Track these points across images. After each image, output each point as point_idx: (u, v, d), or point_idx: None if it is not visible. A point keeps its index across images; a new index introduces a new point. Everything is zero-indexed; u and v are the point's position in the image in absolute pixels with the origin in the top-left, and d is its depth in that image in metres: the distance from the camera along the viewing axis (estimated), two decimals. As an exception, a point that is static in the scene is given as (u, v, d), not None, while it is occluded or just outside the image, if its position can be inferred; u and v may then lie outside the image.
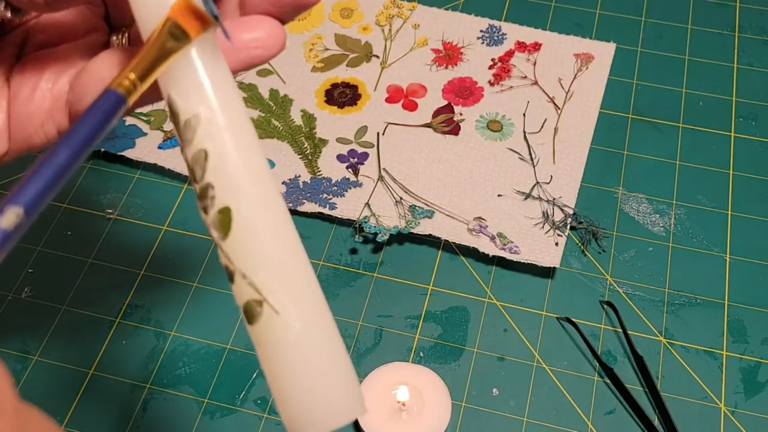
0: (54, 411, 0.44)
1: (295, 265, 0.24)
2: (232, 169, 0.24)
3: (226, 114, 0.24)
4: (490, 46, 0.59)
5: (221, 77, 0.24)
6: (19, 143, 0.28)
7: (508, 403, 0.44)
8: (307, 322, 0.24)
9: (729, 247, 0.50)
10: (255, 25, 0.26)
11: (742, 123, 0.55)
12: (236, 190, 0.24)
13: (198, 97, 0.24)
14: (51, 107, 0.27)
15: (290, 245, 0.24)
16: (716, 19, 0.61)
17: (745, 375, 0.45)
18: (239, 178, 0.24)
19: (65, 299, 0.48)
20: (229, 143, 0.24)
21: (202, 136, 0.24)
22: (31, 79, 0.27)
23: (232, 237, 0.24)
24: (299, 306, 0.24)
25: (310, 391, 0.24)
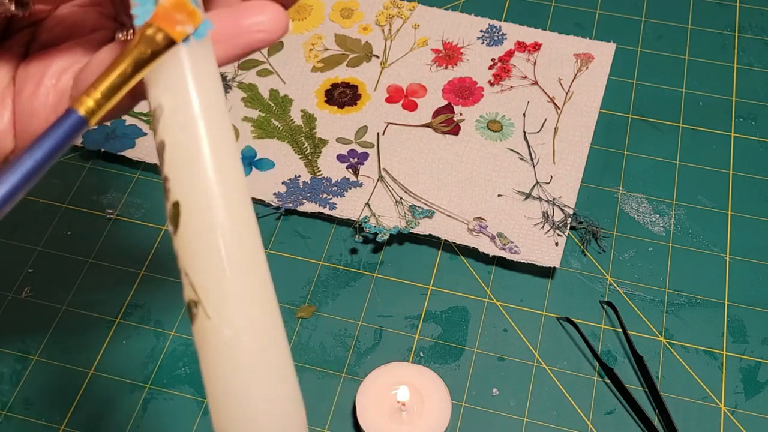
0: (54, 411, 0.44)
1: (242, 273, 0.24)
2: (186, 164, 0.23)
3: (190, 108, 0.23)
4: (490, 46, 0.59)
5: (196, 69, 0.24)
6: (25, 141, 0.27)
7: (508, 403, 0.44)
8: (241, 332, 0.23)
9: (729, 247, 0.50)
10: (257, 10, 0.26)
11: (742, 123, 0.55)
12: (188, 187, 0.23)
13: (164, 87, 0.24)
14: (55, 103, 0.27)
15: (242, 252, 0.24)
16: (716, 19, 0.61)
17: (745, 375, 0.45)
18: (193, 175, 0.23)
19: (65, 299, 0.48)
20: (185, 138, 0.23)
21: (163, 127, 0.24)
22: (35, 75, 0.27)
23: (180, 233, 0.23)
24: (235, 314, 0.23)
25: (238, 404, 0.23)
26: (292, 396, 0.24)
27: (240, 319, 0.23)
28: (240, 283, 0.24)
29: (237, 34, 0.26)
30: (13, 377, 0.45)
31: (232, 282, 0.23)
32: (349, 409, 0.44)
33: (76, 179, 0.53)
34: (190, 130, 0.24)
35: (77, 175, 0.53)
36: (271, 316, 0.24)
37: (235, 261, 0.23)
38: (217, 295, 0.23)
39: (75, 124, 0.22)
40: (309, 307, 0.47)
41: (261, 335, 0.24)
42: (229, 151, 0.24)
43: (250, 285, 0.24)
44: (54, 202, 0.52)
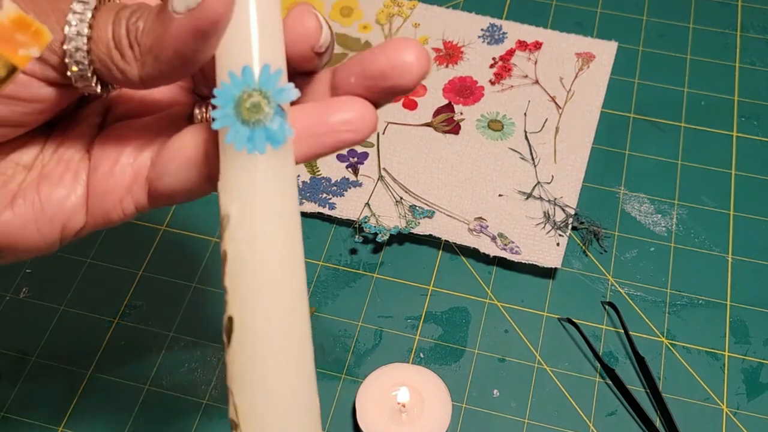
0: (52, 412, 0.43)
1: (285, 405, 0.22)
2: (245, 283, 0.22)
3: (257, 224, 0.22)
4: (491, 45, 0.59)
5: (270, 180, 0.22)
6: (97, 218, 0.26)
7: (509, 405, 0.44)
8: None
9: (731, 247, 0.49)
10: (345, 107, 0.24)
11: (745, 122, 0.55)
12: (245, 307, 0.22)
13: (234, 195, 0.22)
14: (131, 183, 0.26)
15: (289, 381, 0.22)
16: (718, 18, 0.61)
17: (747, 376, 0.45)
18: (251, 296, 0.22)
19: (64, 299, 0.47)
20: (249, 255, 0.22)
21: (228, 238, 0.22)
22: (112, 153, 0.26)
23: (231, 349, 0.22)
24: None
25: None
26: None
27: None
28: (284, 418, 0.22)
29: (322, 133, 0.24)
30: (11, 378, 0.45)
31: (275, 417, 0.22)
32: (348, 411, 0.43)
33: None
34: (254, 247, 0.22)
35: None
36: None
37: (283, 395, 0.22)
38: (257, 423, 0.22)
39: None
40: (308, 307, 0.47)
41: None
42: (293, 272, 0.23)
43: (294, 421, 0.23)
44: (52, 202, 0.52)
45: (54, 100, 0.24)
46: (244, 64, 0.22)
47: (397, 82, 0.24)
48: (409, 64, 0.23)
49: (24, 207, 0.25)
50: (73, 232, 0.26)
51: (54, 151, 0.26)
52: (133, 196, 0.26)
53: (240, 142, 0.22)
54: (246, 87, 0.22)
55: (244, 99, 0.22)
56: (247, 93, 0.22)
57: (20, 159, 0.26)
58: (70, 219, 0.26)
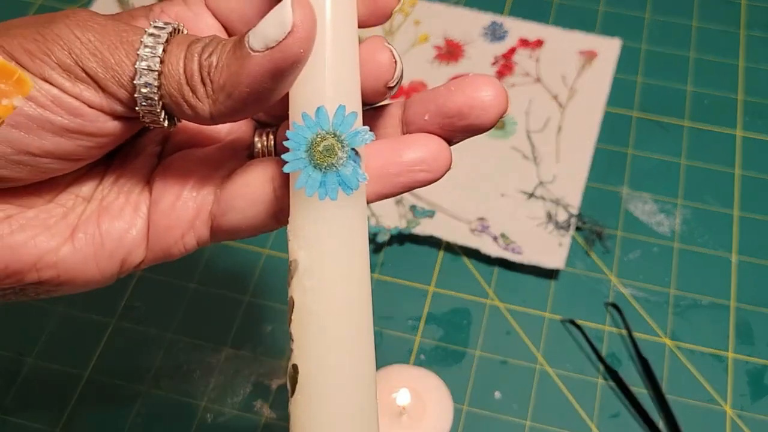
0: (51, 413, 0.43)
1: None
2: (312, 333, 0.22)
3: (326, 274, 0.22)
4: (493, 43, 0.58)
5: (342, 227, 0.22)
6: (157, 252, 0.25)
7: (511, 407, 0.43)
8: None
9: (735, 247, 0.49)
10: (419, 145, 0.23)
11: (749, 121, 0.55)
12: (311, 358, 0.22)
13: (303, 242, 0.22)
14: (193, 218, 0.25)
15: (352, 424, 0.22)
16: (722, 16, 0.60)
17: (752, 377, 0.44)
18: (318, 347, 0.22)
19: (61, 301, 0.47)
20: (316, 305, 0.22)
21: (295, 285, 0.22)
22: (174, 186, 0.25)
23: (295, 398, 0.22)
24: None
25: None
26: None
27: None
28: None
29: (396, 173, 0.23)
30: (8, 380, 0.44)
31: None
32: (349, 413, 0.43)
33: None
34: (322, 297, 0.22)
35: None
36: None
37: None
38: None
39: None
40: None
41: None
42: (362, 321, 0.22)
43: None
44: (50, 202, 0.51)
45: (119, 133, 0.23)
46: (319, 104, 0.21)
47: (474, 122, 0.23)
48: (488, 104, 0.23)
49: (84, 241, 0.24)
50: (132, 266, 0.26)
51: (113, 183, 0.25)
52: (195, 232, 0.25)
53: (311, 188, 0.21)
54: (320, 129, 0.21)
55: (318, 142, 0.21)
56: (320, 136, 0.21)
57: (80, 191, 0.25)
58: (130, 253, 0.25)
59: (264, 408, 0.43)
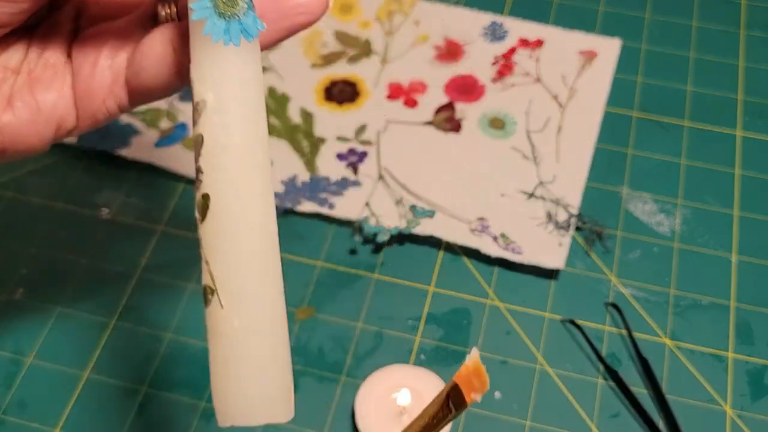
0: (48, 414, 0.43)
1: (259, 272, 0.25)
2: (220, 161, 0.25)
3: (231, 108, 0.25)
4: (493, 43, 0.58)
5: (243, 69, 0.25)
6: (86, 119, 0.29)
7: (511, 407, 0.43)
8: (248, 324, 0.25)
9: (735, 247, 0.49)
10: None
11: (749, 121, 0.55)
12: (219, 184, 0.25)
13: (210, 84, 0.25)
14: (111, 84, 0.29)
15: (262, 253, 0.25)
16: (722, 15, 0.61)
17: (752, 378, 0.44)
18: (225, 173, 0.25)
19: (60, 300, 0.47)
20: (224, 137, 0.25)
21: (203, 122, 0.25)
22: (91, 56, 0.29)
23: (206, 224, 0.25)
24: (244, 307, 0.25)
25: (239, 386, 0.26)
26: (284, 386, 0.26)
27: (250, 313, 0.25)
28: (256, 281, 0.25)
29: (279, 18, 0.27)
30: (7, 379, 0.44)
31: (248, 279, 0.25)
32: (348, 413, 0.43)
33: (71, 179, 0.52)
34: (229, 129, 0.25)
35: (71, 174, 0.53)
36: (279, 314, 0.26)
37: (255, 260, 0.25)
38: (231, 288, 0.25)
39: None
40: (307, 308, 0.47)
41: (266, 330, 0.26)
42: (263, 154, 0.25)
43: (265, 284, 0.26)
44: (48, 202, 0.51)
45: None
46: None
47: None
48: None
49: (23, 110, 0.28)
50: (66, 131, 0.29)
51: (38, 57, 0.29)
52: (114, 96, 0.29)
53: (217, 35, 0.24)
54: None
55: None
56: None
57: (7, 62, 0.28)
58: (63, 119, 0.29)
59: (263, 408, 0.43)
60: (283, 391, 0.26)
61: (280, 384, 0.26)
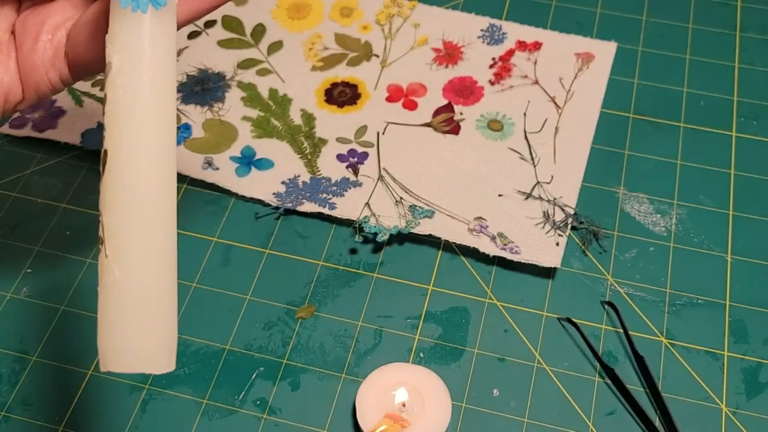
0: (52, 412, 0.43)
1: (144, 224, 0.27)
2: (118, 121, 0.26)
3: (134, 71, 0.26)
4: (491, 45, 0.59)
5: (152, 36, 0.26)
6: (30, 92, 0.31)
7: (509, 404, 0.44)
8: (128, 275, 0.27)
9: (730, 247, 0.49)
10: None
11: (744, 123, 0.55)
12: (117, 142, 0.27)
13: (118, 47, 0.26)
14: (52, 57, 0.30)
15: (151, 210, 0.27)
16: (718, 18, 0.61)
17: (747, 376, 0.45)
18: (122, 133, 0.26)
19: (64, 299, 0.47)
20: (124, 98, 0.26)
21: (108, 82, 0.27)
22: (32, 30, 0.30)
23: (104, 177, 0.27)
24: (127, 259, 0.27)
25: (118, 334, 0.27)
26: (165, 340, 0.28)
27: (132, 265, 0.27)
28: (140, 236, 0.27)
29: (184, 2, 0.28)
30: (11, 377, 0.45)
31: (132, 233, 0.27)
32: (348, 410, 0.43)
33: (75, 179, 0.53)
34: (129, 91, 0.26)
35: (76, 175, 0.53)
36: (165, 270, 0.27)
37: (143, 216, 0.27)
38: (116, 239, 0.27)
39: None
40: (308, 307, 0.47)
41: (149, 283, 0.27)
42: (164, 118, 0.27)
43: (151, 239, 0.27)
44: (52, 202, 0.52)
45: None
46: None
47: None
48: None
49: None
50: (13, 104, 0.31)
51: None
52: (56, 69, 0.30)
53: (125, 1, 0.26)
54: None
55: None
56: None
57: None
58: (9, 93, 0.30)
59: (266, 406, 0.44)
60: (164, 344, 0.27)
61: (161, 337, 0.27)
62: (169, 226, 0.27)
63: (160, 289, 0.27)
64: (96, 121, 0.55)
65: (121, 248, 0.27)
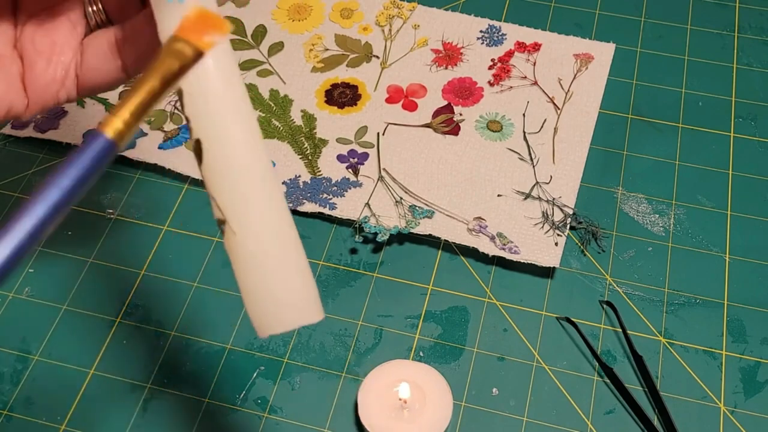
0: (54, 410, 0.44)
1: (257, 192, 0.28)
2: (202, 108, 0.27)
3: (206, 59, 0.26)
4: (490, 47, 0.59)
5: None
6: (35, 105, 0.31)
7: (508, 403, 0.44)
8: (261, 242, 0.28)
9: (728, 247, 0.50)
10: None
11: (742, 123, 0.56)
12: (205, 127, 0.27)
13: None
14: (63, 77, 0.31)
15: (255, 175, 0.28)
16: (716, 19, 0.61)
17: (745, 375, 0.45)
18: (208, 117, 0.27)
19: (66, 299, 0.48)
20: (199, 87, 0.27)
21: None
22: (44, 51, 0.30)
23: (204, 164, 0.28)
24: (255, 229, 0.28)
25: (269, 298, 0.28)
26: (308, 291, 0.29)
27: (260, 234, 0.28)
28: (258, 205, 0.28)
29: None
30: (13, 377, 0.45)
31: (251, 204, 0.28)
32: (349, 409, 0.44)
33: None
34: (204, 77, 0.27)
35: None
36: (289, 230, 0.28)
37: (253, 184, 0.28)
38: (238, 214, 0.27)
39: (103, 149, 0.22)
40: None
41: (280, 245, 0.28)
42: (238, 93, 0.28)
43: (265, 201, 0.28)
44: (54, 202, 0.52)
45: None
46: None
47: None
48: None
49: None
50: (15, 115, 0.31)
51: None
52: (65, 89, 0.31)
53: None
54: None
55: None
56: None
57: None
58: (12, 105, 0.31)
59: (267, 404, 0.44)
60: (309, 295, 0.29)
61: (304, 290, 0.29)
62: (277, 190, 0.28)
63: (291, 246, 0.28)
64: (98, 121, 0.56)
65: (246, 221, 0.27)
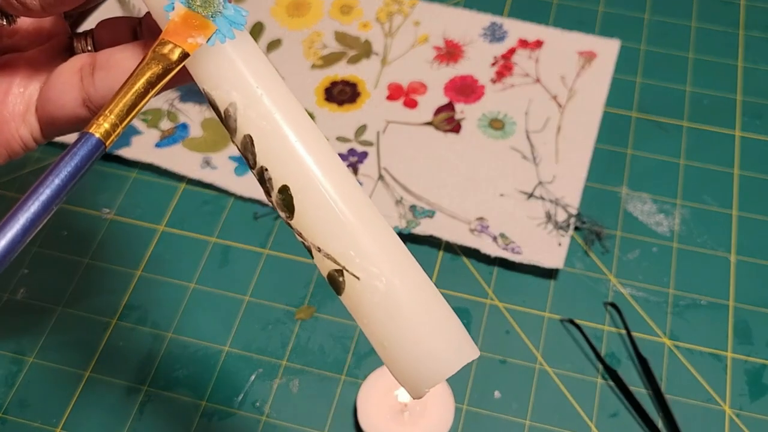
0: (50, 413, 0.43)
1: (366, 227, 0.24)
2: (280, 150, 0.24)
3: (260, 96, 0.24)
4: (492, 44, 0.58)
5: (247, 59, 0.24)
6: (0, 148, 0.29)
7: (511, 406, 0.43)
8: (391, 280, 0.24)
9: (734, 247, 0.49)
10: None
11: (747, 122, 0.55)
12: (290, 170, 0.24)
13: (229, 85, 0.24)
14: (24, 112, 0.29)
15: (358, 209, 0.25)
16: (721, 16, 0.61)
17: (750, 377, 0.44)
18: (291, 158, 0.24)
19: (61, 300, 0.47)
20: (270, 126, 0.24)
21: (242, 122, 0.24)
22: (3, 84, 0.28)
23: (298, 214, 0.24)
24: (379, 266, 0.24)
25: (414, 347, 0.24)
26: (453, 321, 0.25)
27: (387, 269, 0.24)
28: (372, 237, 0.24)
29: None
30: (8, 379, 0.44)
31: (366, 238, 0.24)
32: (349, 412, 0.43)
33: (73, 178, 0.53)
34: (272, 118, 0.24)
35: (74, 174, 0.53)
36: (406, 256, 0.25)
37: (360, 219, 0.24)
38: (358, 255, 0.24)
39: (92, 148, 0.21)
40: (308, 308, 0.47)
41: (409, 278, 0.24)
42: (307, 124, 0.25)
43: (380, 235, 0.25)
44: (50, 202, 0.51)
45: None
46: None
47: None
48: None
49: None
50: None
51: None
52: (27, 125, 0.29)
53: (212, 38, 0.24)
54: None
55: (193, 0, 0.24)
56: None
57: None
58: None
59: (265, 407, 0.43)
60: (458, 330, 0.25)
61: (452, 325, 0.25)
62: (379, 217, 0.25)
63: (422, 280, 0.25)
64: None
65: (368, 263, 0.24)
